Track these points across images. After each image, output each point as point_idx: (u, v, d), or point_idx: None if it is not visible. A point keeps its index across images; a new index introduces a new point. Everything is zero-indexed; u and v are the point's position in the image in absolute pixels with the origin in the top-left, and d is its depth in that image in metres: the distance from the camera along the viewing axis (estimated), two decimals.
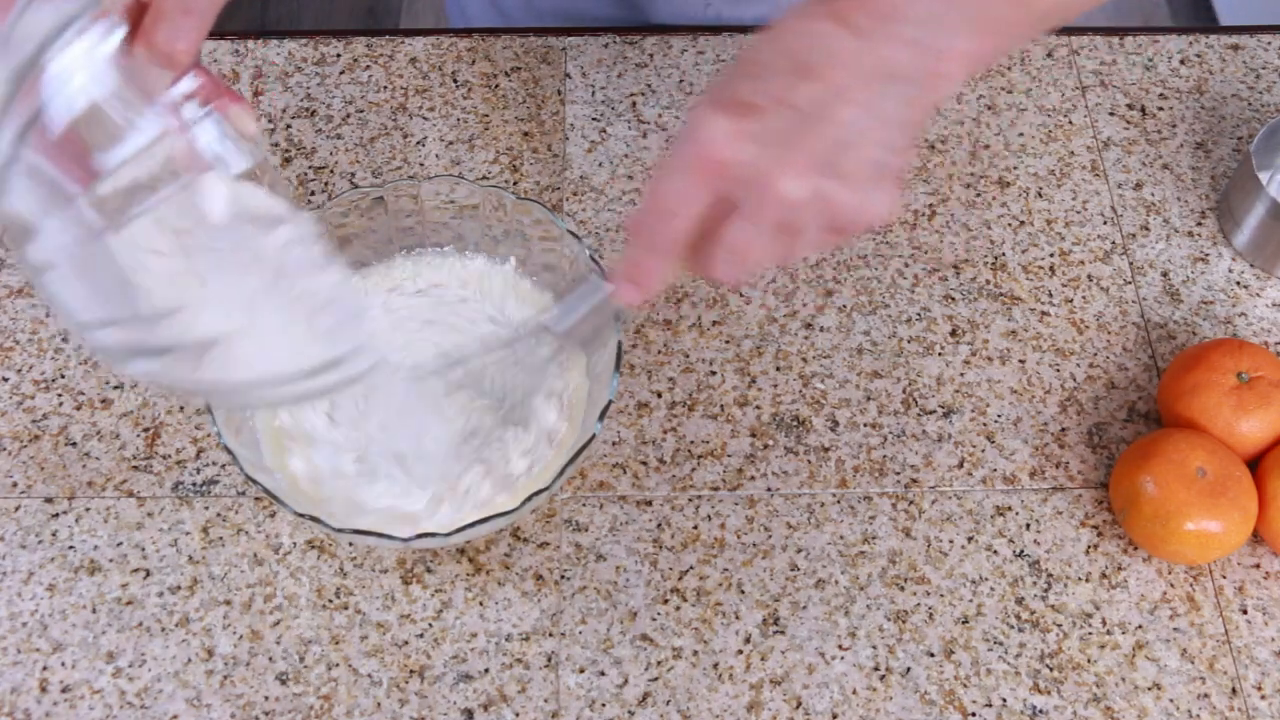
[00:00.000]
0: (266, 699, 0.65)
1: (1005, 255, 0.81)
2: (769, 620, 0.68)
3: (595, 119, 0.86)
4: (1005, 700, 0.65)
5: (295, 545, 0.69)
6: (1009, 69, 0.90)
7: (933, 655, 0.67)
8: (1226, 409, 0.69)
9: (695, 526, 0.70)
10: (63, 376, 0.75)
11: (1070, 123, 0.87)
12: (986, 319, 0.78)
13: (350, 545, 0.69)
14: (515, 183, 0.83)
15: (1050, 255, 0.81)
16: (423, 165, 0.84)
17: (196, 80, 0.53)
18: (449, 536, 0.61)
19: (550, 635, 0.67)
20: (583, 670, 0.66)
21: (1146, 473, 0.67)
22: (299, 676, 0.65)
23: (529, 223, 0.71)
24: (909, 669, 0.66)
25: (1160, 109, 0.88)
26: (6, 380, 0.75)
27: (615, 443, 0.73)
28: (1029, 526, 0.71)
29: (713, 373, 0.76)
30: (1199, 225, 0.83)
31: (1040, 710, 0.65)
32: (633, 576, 0.69)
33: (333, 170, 0.84)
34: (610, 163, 0.84)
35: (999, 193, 0.84)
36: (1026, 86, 0.89)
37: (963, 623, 0.68)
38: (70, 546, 0.69)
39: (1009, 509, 0.72)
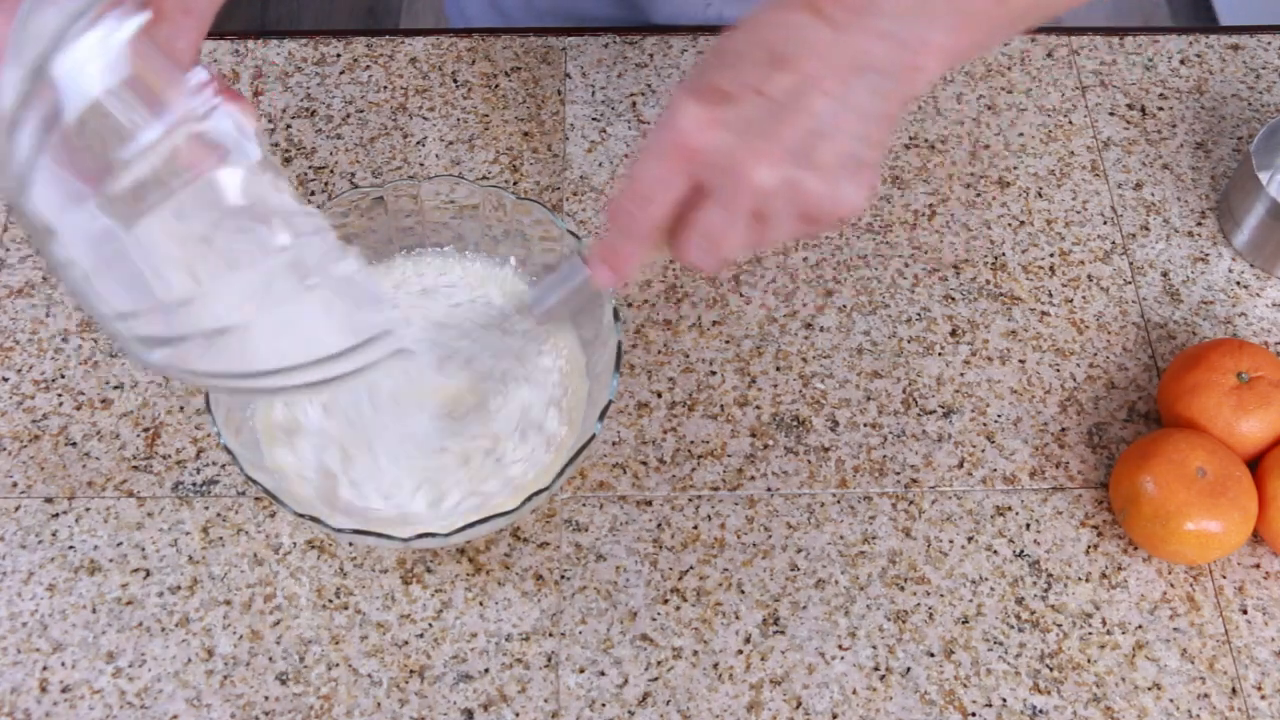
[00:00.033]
0: (266, 699, 0.65)
1: (1005, 255, 0.81)
2: (769, 620, 0.68)
3: (595, 119, 0.86)
4: (1005, 700, 0.65)
5: (295, 545, 0.69)
6: (1009, 69, 0.90)
7: (933, 655, 0.67)
8: (1226, 409, 0.69)
9: (695, 526, 0.70)
10: (63, 376, 0.75)
11: (1070, 123, 0.87)
12: (986, 319, 0.78)
13: (350, 545, 0.69)
14: (515, 183, 0.83)
15: (1050, 255, 0.81)
16: (423, 165, 0.84)
17: (207, 72, 0.53)
18: (449, 536, 0.61)
19: (550, 635, 0.67)
20: (583, 670, 0.66)
21: (1146, 473, 0.67)
22: (299, 676, 0.65)
23: (529, 223, 0.71)
24: (909, 669, 0.66)
25: (1160, 109, 0.88)
26: (6, 380, 0.75)
27: (615, 443, 0.73)
28: (1029, 526, 0.71)
29: (713, 373, 0.76)
30: (1199, 225, 0.83)
31: (1040, 710, 0.65)
32: (633, 576, 0.69)
33: (333, 170, 0.84)
34: (610, 163, 0.84)
35: (999, 193, 0.84)
36: (1026, 86, 0.89)
37: (963, 623, 0.68)
38: (70, 546, 0.69)
39: (1009, 509, 0.72)
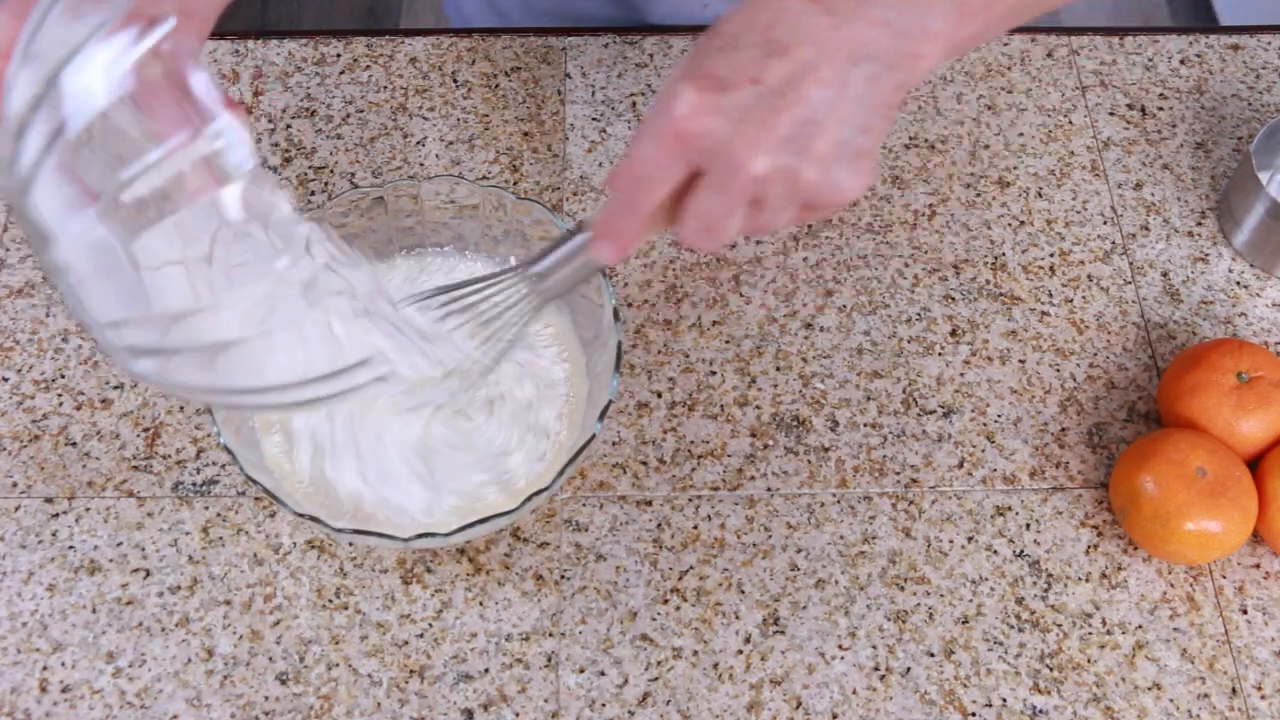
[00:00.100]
0: (266, 699, 0.65)
1: (1005, 255, 0.81)
2: (769, 620, 0.68)
3: (595, 119, 0.86)
4: (1005, 700, 0.65)
5: (295, 545, 0.69)
6: (1009, 69, 0.90)
7: (933, 655, 0.67)
8: (1226, 409, 0.69)
9: (695, 526, 0.70)
10: (63, 376, 0.75)
11: (1070, 123, 0.87)
12: (986, 319, 0.78)
13: (350, 545, 0.69)
14: (515, 183, 0.83)
15: (1050, 255, 0.81)
16: (423, 165, 0.84)
17: (207, 75, 0.54)
18: (449, 536, 0.61)
19: (550, 635, 0.67)
20: (583, 670, 0.66)
21: (1146, 473, 0.67)
22: (299, 676, 0.65)
23: (529, 223, 0.71)
24: (909, 669, 0.66)
25: (1160, 109, 0.88)
26: (6, 380, 0.75)
27: (615, 443, 0.73)
28: (1029, 526, 0.71)
29: (713, 373, 0.76)
30: (1199, 225, 0.83)
31: (1040, 710, 0.65)
32: (633, 576, 0.69)
33: (333, 170, 0.84)
34: (610, 163, 0.84)
35: (999, 193, 0.84)
36: (1026, 86, 0.89)
37: (963, 623, 0.68)
38: (70, 546, 0.69)
39: (1009, 509, 0.72)
